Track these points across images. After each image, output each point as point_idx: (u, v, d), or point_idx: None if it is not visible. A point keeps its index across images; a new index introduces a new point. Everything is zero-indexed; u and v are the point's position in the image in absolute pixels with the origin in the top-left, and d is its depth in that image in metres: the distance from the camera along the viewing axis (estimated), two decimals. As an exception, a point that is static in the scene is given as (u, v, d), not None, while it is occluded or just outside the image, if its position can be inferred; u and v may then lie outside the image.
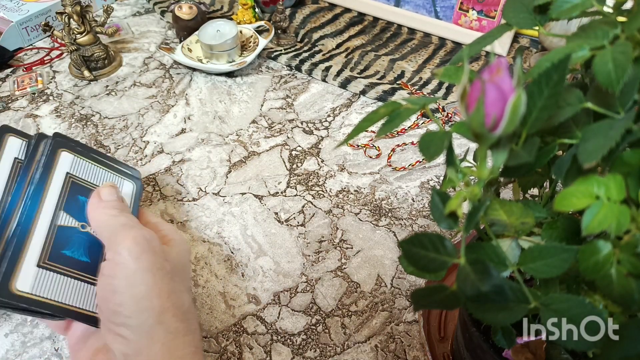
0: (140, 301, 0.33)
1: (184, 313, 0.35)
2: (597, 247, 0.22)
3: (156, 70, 0.75)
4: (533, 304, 0.24)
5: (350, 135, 0.26)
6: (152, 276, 0.33)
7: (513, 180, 0.33)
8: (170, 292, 0.34)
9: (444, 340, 0.45)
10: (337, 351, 0.45)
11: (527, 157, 0.23)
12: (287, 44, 0.79)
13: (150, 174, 0.60)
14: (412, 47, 0.80)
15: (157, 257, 0.35)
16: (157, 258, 0.35)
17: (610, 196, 0.22)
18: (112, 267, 0.34)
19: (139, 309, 0.32)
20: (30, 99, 0.70)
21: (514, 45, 0.80)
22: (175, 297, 0.34)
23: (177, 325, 0.34)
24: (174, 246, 0.39)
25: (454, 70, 0.29)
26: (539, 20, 0.28)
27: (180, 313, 0.34)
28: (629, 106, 0.23)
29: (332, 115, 0.68)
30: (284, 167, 0.61)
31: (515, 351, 0.31)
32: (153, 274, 0.34)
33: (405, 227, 0.55)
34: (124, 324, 0.32)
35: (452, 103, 0.69)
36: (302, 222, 0.55)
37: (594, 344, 0.22)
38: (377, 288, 0.49)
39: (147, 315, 0.32)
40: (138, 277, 0.33)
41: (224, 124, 0.67)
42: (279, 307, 0.48)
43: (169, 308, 0.33)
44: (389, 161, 0.62)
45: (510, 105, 0.21)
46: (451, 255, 0.25)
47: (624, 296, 0.22)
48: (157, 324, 0.33)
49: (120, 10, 0.88)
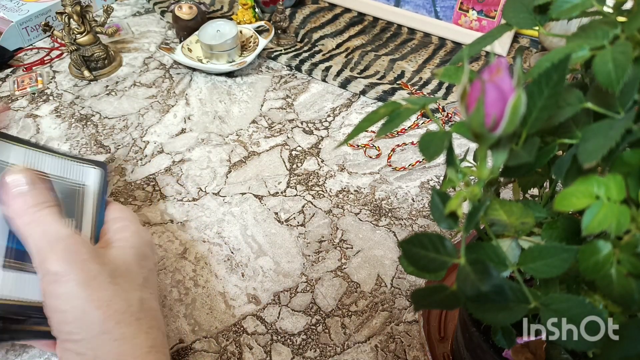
0: (80, 316, 0.32)
1: (132, 315, 0.34)
2: (597, 247, 0.22)
3: (156, 70, 0.75)
4: (533, 304, 0.24)
5: (350, 136, 0.26)
6: (86, 288, 0.32)
7: (513, 180, 0.33)
8: (110, 298, 0.33)
9: (444, 340, 0.45)
10: (337, 351, 0.45)
11: (527, 157, 0.23)
12: (287, 44, 0.80)
13: (150, 174, 0.60)
14: (412, 47, 0.80)
15: (88, 265, 0.33)
16: (89, 266, 0.33)
17: (610, 196, 0.22)
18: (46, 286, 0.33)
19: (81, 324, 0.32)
20: (30, 99, 0.70)
21: (514, 45, 0.80)
22: (118, 302, 0.33)
23: (124, 330, 0.33)
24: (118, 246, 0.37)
25: (454, 70, 0.29)
26: (539, 20, 0.28)
27: (126, 317, 0.33)
28: (629, 106, 0.23)
29: (332, 115, 0.68)
30: (284, 167, 0.61)
31: (515, 351, 0.31)
32: (87, 285, 0.32)
33: (405, 227, 0.55)
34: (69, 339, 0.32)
35: (452, 103, 0.69)
36: (302, 222, 0.55)
37: (594, 344, 0.22)
38: (377, 288, 0.49)
39: (89, 328, 0.32)
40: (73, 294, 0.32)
41: (224, 124, 0.67)
42: (279, 307, 0.48)
43: (111, 316, 0.33)
44: (389, 161, 0.62)
45: (510, 105, 0.21)
46: (451, 255, 0.25)
47: (624, 296, 0.22)
48: (100, 335, 0.32)
49: (120, 10, 0.88)
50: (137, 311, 0.34)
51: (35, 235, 0.34)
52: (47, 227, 0.34)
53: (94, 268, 0.33)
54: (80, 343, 0.32)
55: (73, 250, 0.33)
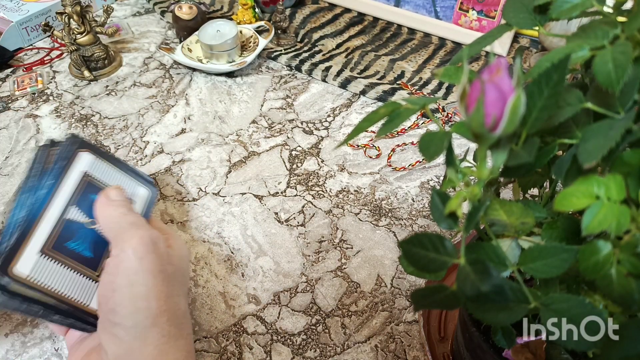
0: (138, 302, 0.33)
1: (178, 317, 0.35)
2: (597, 247, 0.22)
3: (156, 70, 0.75)
4: (533, 304, 0.24)
5: (350, 136, 0.26)
6: (152, 278, 0.34)
7: (513, 180, 0.33)
8: (168, 295, 0.34)
9: (444, 340, 0.45)
10: (337, 351, 0.45)
11: (527, 157, 0.23)
12: (287, 44, 0.80)
13: (150, 174, 0.60)
14: (412, 47, 0.80)
15: (160, 259, 0.35)
16: (161, 260, 0.35)
17: (610, 196, 0.22)
18: (116, 264, 0.34)
19: (136, 309, 0.32)
20: (30, 99, 0.70)
21: (514, 45, 0.80)
22: (172, 301, 0.35)
23: (171, 329, 0.34)
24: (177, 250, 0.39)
25: (454, 70, 0.29)
26: (539, 20, 0.28)
27: (175, 317, 0.34)
28: (629, 106, 0.23)
29: (332, 115, 0.68)
30: (284, 167, 0.61)
31: (515, 351, 0.31)
32: (154, 276, 0.34)
33: (405, 227, 0.55)
34: (119, 323, 0.33)
35: (452, 103, 0.69)
36: (302, 222, 0.55)
37: (594, 344, 0.22)
38: (377, 288, 0.49)
39: (143, 316, 0.33)
40: (139, 278, 0.33)
41: (224, 124, 0.67)
42: (279, 307, 0.48)
43: (165, 311, 0.34)
44: (389, 161, 0.62)
45: (510, 106, 0.21)
46: (451, 255, 0.25)
47: (624, 296, 0.22)
48: (151, 327, 0.33)
49: (120, 10, 0.88)
50: (182, 316, 0.36)
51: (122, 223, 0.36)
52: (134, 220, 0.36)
53: (164, 262, 0.35)
54: (129, 330, 0.32)
55: (153, 239, 0.35)
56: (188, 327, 0.36)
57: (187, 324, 0.36)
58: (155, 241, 0.35)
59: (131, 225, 0.36)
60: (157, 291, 0.34)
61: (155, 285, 0.34)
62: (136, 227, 0.35)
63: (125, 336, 0.32)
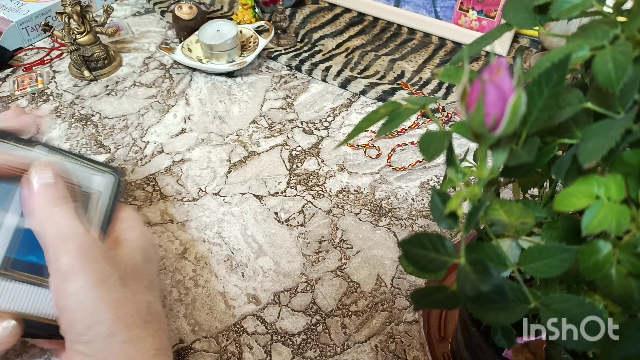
0: (89, 317, 0.32)
1: (141, 317, 0.34)
2: (597, 247, 0.22)
3: (156, 70, 0.75)
4: (533, 304, 0.24)
5: (350, 135, 0.26)
6: (97, 289, 0.32)
7: (513, 180, 0.33)
8: (120, 300, 0.33)
9: (444, 340, 0.45)
10: (337, 351, 0.45)
11: (527, 157, 0.23)
12: (287, 44, 0.80)
13: (150, 174, 0.60)
14: (412, 47, 0.80)
15: (100, 266, 0.33)
16: (101, 267, 0.33)
17: (610, 196, 0.22)
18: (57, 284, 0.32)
19: (89, 325, 0.32)
20: (30, 99, 0.70)
21: (514, 45, 0.80)
22: (127, 305, 0.33)
23: (133, 332, 0.33)
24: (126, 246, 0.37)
25: (454, 70, 0.29)
26: (539, 20, 0.28)
27: (136, 318, 0.33)
28: (629, 106, 0.23)
29: (332, 115, 0.68)
30: (284, 167, 0.61)
31: (515, 351, 0.31)
32: (98, 287, 0.32)
33: (405, 227, 0.55)
34: (77, 340, 0.32)
35: (452, 103, 0.69)
36: (302, 222, 0.55)
37: (594, 344, 0.22)
38: (377, 288, 0.49)
39: (98, 330, 0.32)
40: (83, 294, 0.32)
41: (224, 124, 0.67)
42: (279, 307, 0.48)
43: (120, 318, 0.32)
44: (389, 161, 0.62)
45: (510, 105, 0.21)
46: (451, 255, 0.25)
47: (624, 296, 0.22)
48: (109, 337, 0.32)
49: (120, 10, 0.88)
50: (145, 314, 0.34)
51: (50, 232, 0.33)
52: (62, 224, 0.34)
53: (105, 269, 0.33)
54: (88, 344, 0.32)
55: (86, 249, 0.33)
56: (156, 323, 0.35)
57: (155, 320, 0.35)
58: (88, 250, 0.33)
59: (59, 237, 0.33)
60: (106, 301, 0.32)
61: (102, 296, 0.32)
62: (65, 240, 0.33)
63: (87, 350, 0.32)
